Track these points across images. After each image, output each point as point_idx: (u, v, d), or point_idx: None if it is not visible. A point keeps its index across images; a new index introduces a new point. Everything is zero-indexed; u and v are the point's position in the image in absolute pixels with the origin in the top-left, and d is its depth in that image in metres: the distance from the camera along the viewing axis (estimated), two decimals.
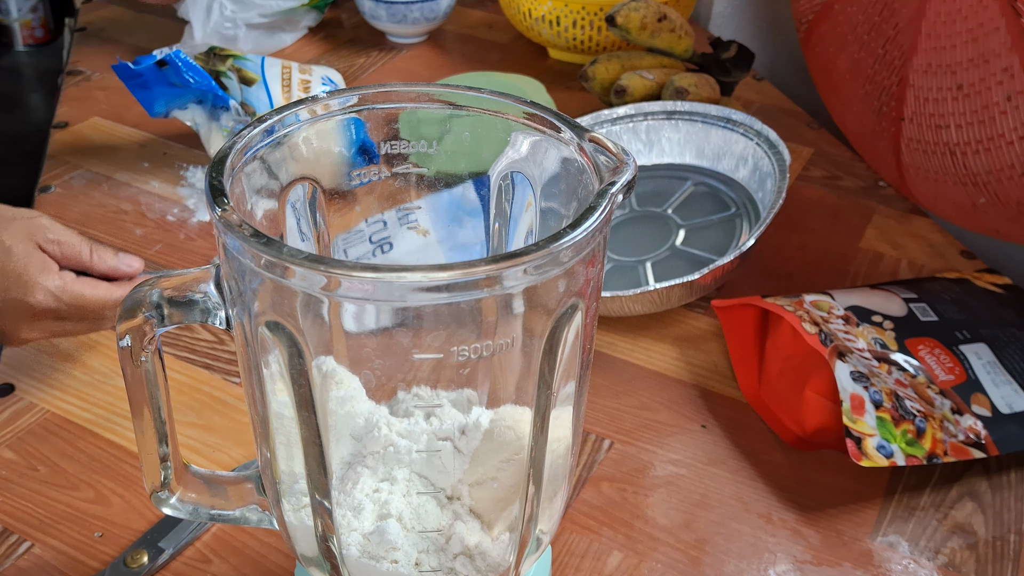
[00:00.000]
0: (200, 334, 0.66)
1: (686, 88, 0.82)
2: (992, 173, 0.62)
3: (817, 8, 0.79)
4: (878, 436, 0.53)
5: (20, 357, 0.63)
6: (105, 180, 0.84)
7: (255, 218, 0.38)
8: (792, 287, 0.70)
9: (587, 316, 0.36)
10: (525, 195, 0.41)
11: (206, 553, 0.51)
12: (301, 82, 0.85)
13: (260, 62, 0.84)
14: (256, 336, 0.34)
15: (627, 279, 0.71)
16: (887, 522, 0.54)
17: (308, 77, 0.85)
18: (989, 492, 0.56)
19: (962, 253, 0.77)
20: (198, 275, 0.36)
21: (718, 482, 0.56)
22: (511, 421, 0.39)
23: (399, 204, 0.44)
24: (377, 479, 0.40)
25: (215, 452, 0.57)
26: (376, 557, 0.38)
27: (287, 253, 0.30)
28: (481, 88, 0.40)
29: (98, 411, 0.60)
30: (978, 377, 0.58)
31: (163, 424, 0.39)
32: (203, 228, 0.77)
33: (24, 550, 0.51)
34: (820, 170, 0.88)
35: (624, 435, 0.59)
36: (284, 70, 0.84)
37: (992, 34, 0.59)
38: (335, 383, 0.39)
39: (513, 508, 0.39)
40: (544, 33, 1.03)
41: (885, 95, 0.70)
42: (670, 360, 0.65)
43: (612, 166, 0.36)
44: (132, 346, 0.36)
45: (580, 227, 0.32)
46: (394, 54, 1.09)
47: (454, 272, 0.30)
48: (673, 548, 0.52)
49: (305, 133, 0.39)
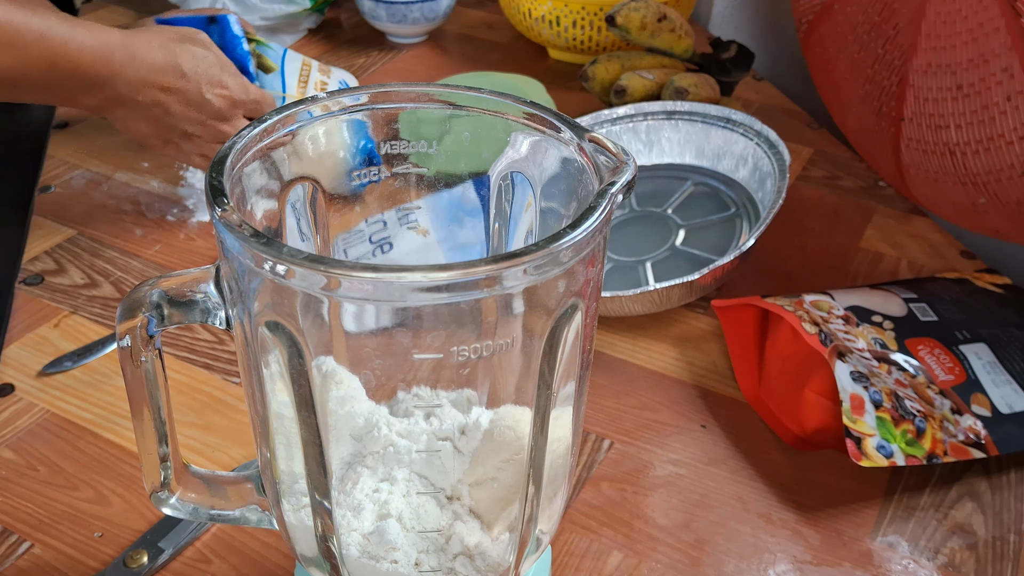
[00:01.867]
0: (200, 334, 0.66)
1: (686, 88, 0.82)
2: (992, 173, 0.62)
3: (817, 8, 0.79)
4: (878, 436, 0.53)
5: (20, 357, 0.64)
6: (105, 180, 0.84)
7: (255, 218, 0.38)
8: (792, 287, 0.70)
9: (587, 316, 0.36)
10: (525, 195, 0.41)
11: (206, 553, 0.51)
12: (319, 83, 0.85)
13: (282, 53, 0.84)
14: (256, 336, 0.34)
15: (627, 279, 0.71)
16: (887, 522, 0.54)
17: (326, 79, 0.85)
18: (989, 492, 0.56)
19: (962, 253, 0.77)
20: (198, 275, 0.36)
21: (718, 482, 0.56)
22: (511, 421, 0.39)
23: (399, 204, 0.44)
24: (377, 479, 0.40)
25: (215, 452, 0.57)
26: (376, 557, 0.38)
27: (287, 253, 0.30)
28: (481, 88, 0.40)
29: (98, 411, 0.60)
30: (978, 377, 0.58)
31: (163, 424, 0.39)
32: (203, 228, 0.78)
33: (24, 550, 0.51)
34: (820, 170, 0.88)
35: (624, 435, 0.59)
36: (304, 67, 0.84)
37: (992, 34, 0.59)
38: (335, 383, 0.39)
39: (513, 508, 0.39)
40: (544, 33, 1.03)
41: (885, 95, 0.70)
42: (670, 360, 0.65)
43: (612, 166, 0.36)
44: (132, 346, 0.36)
45: (580, 227, 0.32)
46: (394, 54, 1.09)
47: (454, 272, 0.30)
48: (673, 548, 0.52)
49: (305, 133, 0.39)
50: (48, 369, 0.62)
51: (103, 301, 0.69)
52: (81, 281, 0.71)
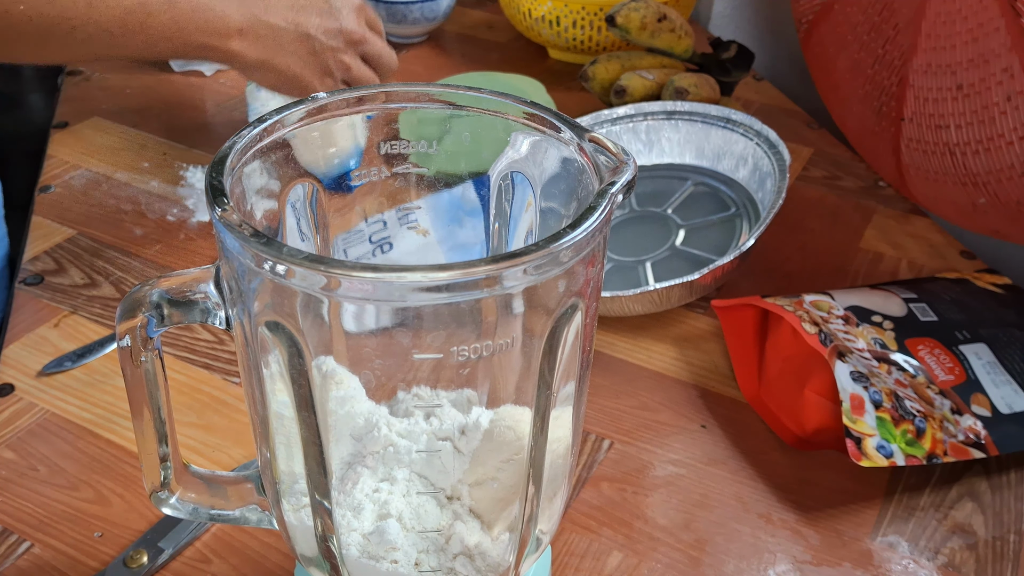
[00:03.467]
0: (200, 334, 0.66)
1: (686, 88, 0.82)
2: (992, 173, 0.62)
3: (817, 8, 0.79)
4: (878, 436, 0.53)
5: (20, 357, 0.64)
6: (105, 180, 0.84)
7: (255, 218, 0.38)
8: (792, 287, 0.70)
9: (587, 316, 0.36)
10: (525, 195, 0.41)
11: (206, 553, 0.51)
12: None
13: None
14: (256, 336, 0.34)
15: (627, 279, 0.71)
16: (887, 522, 0.54)
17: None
18: (989, 492, 0.56)
19: (962, 253, 0.77)
20: (198, 275, 0.36)
21: (718, 482, 0.56)
22: (511, 421, 0.39)
23: (399, 204, 0.44)
24: (377, 479, 0.40)
25: (215, 452, 0.57)
26: (376, 557, 0.38)
27: (287, 253, 0.30)
28: (481, 88, 0.40)
29: (98, 411, 0.60)
30: (978, 377, 0.58)
31: (163, 424, 0.39)
32: (203, 228, 0.78)
33: (24, 550, 0.51)
34: (820, 170, 0.88)
35: (624, 435, 0.59)
36: None
37: (992, 34, 0.59)
38: (335, 383, 0.39)
39: (513, 508, 0.39)
40: (544, 33, 1.03)
41: (885, 95, 0.70)
42: (670, 360, 0.65)
43: (612, 166, 0.36)
44: (132, 346, 0.36)
45: (580, 227, 0.32)
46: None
47: (454, 272, 0.30)
48: (673, 548, 0.52)
49: (305, 133, 0.39)
50: (48, 369, 0.62)
51: (103, 301, 0.69)
52: (81, 281, 0.71)
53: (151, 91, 0.99)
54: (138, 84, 1.00)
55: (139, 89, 0.99)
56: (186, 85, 1.01)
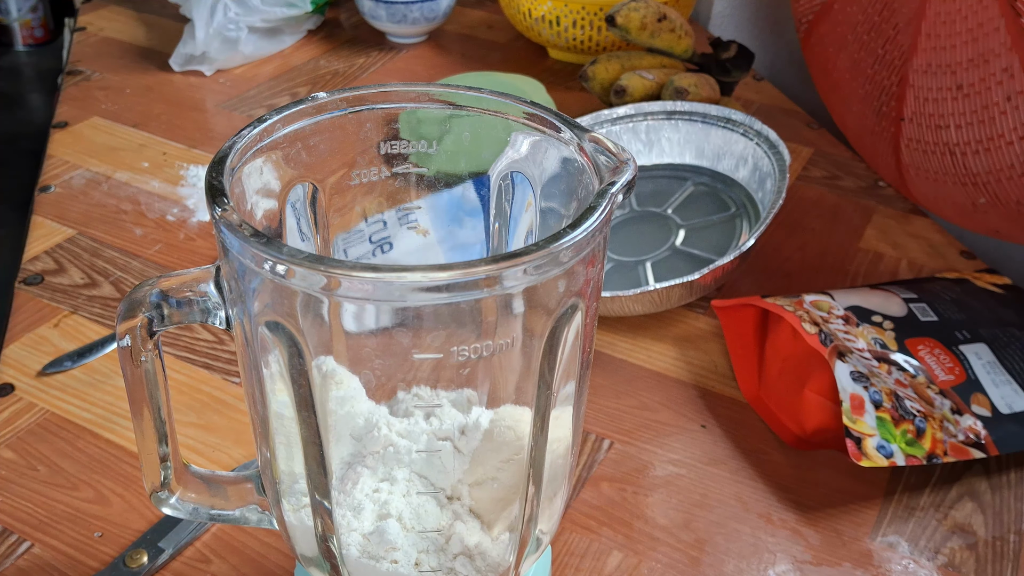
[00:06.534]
0: (200, 334, 0.66)
1: (686, 88, 0.82)
2: (992, 173, 0.62)
3: (817, 8, 0.79)
4: (878, 436, 0.53)
5: (20, 357, 0.64)
6: (105, 180, 0.84)
7: (255, 218, 0.38)
8: (792, 287, 0.70)
9: (587, 316, 0.36)
10: (525, 195, 0.41)
11: (206, 553, 0.51)
12: None
13: None
14: (256, 336, 0.34)
15: (627, 279, 0.71)
16: (887, 522, 0.54)
17: None
18: (989, 492, 0.56)
19: (962, 253, 0.77)
20: (198, 275, 0.36)
21: (718, 482, 0.56)
22: (511, 421, 0.39)
23: (399, 204, 0.44)
24: (377, 479, 0.40)
25: (215, 452, 0.57)
26: (376, 557, 0.38)
27: (287, 253, 0.30)
28: (481, 88, 0.40)
29: (98, 411, 0.60)
30: (978, 377, 0.58)
31: (163, 424, 0.39)
32: (203, 228, 0.78)
33: (24, 550, 0.51)
34: (820, 170, 0.88)
35: (624, 435, 0.59)
36: None
37: (992, 34, 0.59)
38: (335, 383, 0.39)
39: (513, 508, 0.39)
40: (544, 33, 1.03)
41: (885, 95, 0.70)
42: (670, 360, 0.65)
43: (612, 166, 0.36)
44: (132, 346, 0.36)
45: (580, 227, 0.32)
46: (394, 54, 1.09)
47: (454, 272, 0.30)
48: (673, 548, 0.52)
49: (305, 133, 0.39)
50: (48, 369, 0.62)
51: (103, 301, 0.69)
52: (81, 281, 0.71)
53: (151, 91, 0.99)
54: (138, 84, 1.00)
55: (139, 89, 0.99)
56: (186, 85, 1.01)
